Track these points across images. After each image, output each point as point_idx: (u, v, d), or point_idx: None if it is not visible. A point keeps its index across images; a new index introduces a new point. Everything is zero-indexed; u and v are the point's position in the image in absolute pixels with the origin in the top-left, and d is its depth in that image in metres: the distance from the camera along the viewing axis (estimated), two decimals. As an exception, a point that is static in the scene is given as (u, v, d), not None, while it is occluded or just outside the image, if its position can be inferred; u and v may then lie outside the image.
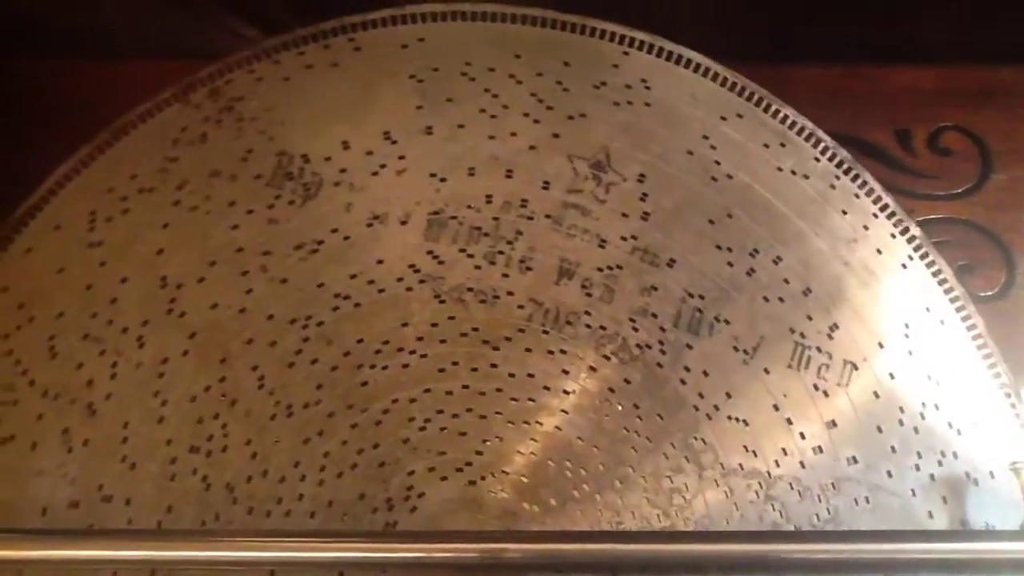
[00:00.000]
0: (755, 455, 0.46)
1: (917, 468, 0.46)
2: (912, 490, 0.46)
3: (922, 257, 0.48)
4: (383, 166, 0.49)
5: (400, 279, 0.48)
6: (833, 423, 0.46)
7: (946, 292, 0.47)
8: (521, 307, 0.48)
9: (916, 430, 0.46)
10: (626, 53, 0.50)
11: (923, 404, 0.46)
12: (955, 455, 0.46)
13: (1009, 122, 0.57)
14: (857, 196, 0.48)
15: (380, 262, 0.48)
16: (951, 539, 0.44)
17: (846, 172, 0.49)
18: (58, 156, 0.50)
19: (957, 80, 0.58)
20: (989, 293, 0.54)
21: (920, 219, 0.51)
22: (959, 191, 0.56)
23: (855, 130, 0.56)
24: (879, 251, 0.48)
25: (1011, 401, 0.46)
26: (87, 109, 0.54)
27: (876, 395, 0.46)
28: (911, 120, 0.57)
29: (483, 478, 0.47)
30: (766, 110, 0.50)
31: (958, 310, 0.47)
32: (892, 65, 0.58)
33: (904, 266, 0.48)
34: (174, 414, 0.47)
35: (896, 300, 0.47)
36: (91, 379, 0.47)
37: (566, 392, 0.47)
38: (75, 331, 0.48)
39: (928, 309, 0.47)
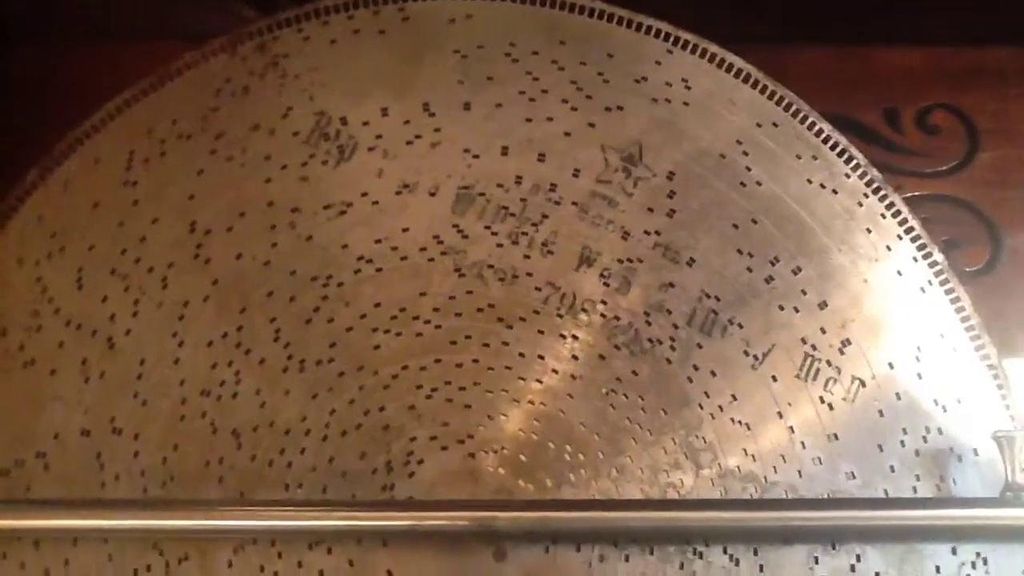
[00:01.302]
0: (754, 459, 0.46)
1: (914, 490, 0.46)
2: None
3: (942, 283, 0.48)
4: (418, 136, 0.50)
5: (423, 249, 0.49)
6: (835, 436, 0.46)
7: (963, 320, 0.47)
8: (539, 289, 0.49)
9: (917, 453, 0.46)
10: (670, 51, 0.51)
11: (927, 428, 0.46)
12: (954, 481, 0.46)
13: (997, 101, 0.58)
14: (883, 216, 0.48)
15: (405, 230, 0.49)
16: (934, 506, 0.45)
17: (875, 191, 0.49)
18: (57, 140, 0.50)
19: (946, 60, 0.59)
20: (975, 268, 0.55)
21: (907, 195, 0.52)
22: (946, 168, 0.57)
23: (845, 109, 0.57)
24: (899, 272, 0.48)
25: (1006, 402, 0.47)
26: (89, 91, 0.54)
27: (881, 414, 0.46)
28: (900, 99, 0.58)
29: (483, 452, 0.47)
30: (802, 122, 0.50)
31: (972, 339, 0.47)
32: (882, 45, 0.59)
33: (923, 290, 0.48)
34: (189, 357, 0.48)
35: (911, 323, 0.47)
36: (114, 314, 0.48)
37: (574, 377, 0.48)
38: (103, 265, 0.49)
39: (942, 335, 0.47)
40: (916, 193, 0.56)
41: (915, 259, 0.48)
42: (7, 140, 0.56)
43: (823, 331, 0.48)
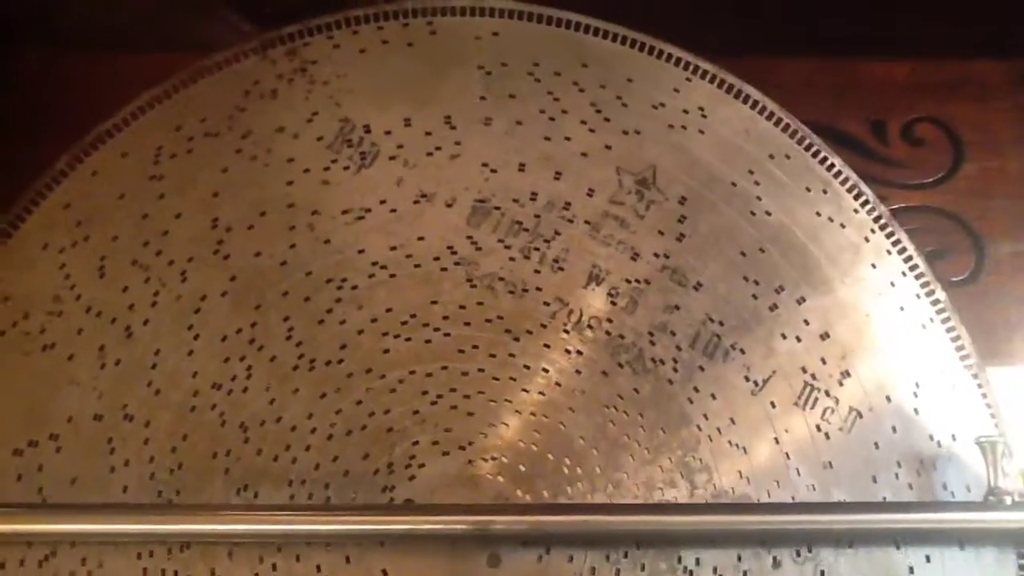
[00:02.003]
0: (748, 482, 0.47)
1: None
2: (897, 543, 0.47)
3: (944, 321, 0.49)
4: (439, 148, 0.51)
5: (437, 258, 0.50)
6: (830, 464, 0.47)
7: (962, 358, 0.48)
8: (547, 304, 0.50)
9: (911, 487, 0.47)
10: (689, 80, 0.52)
11: (920, 463, 0.47)
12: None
13: (981, 113, 0.59)
14: (889, 252, 0.49)
15: (420, 239, 0.50)
16: (919, 509, 0.46)
17: (882, 228, 0.50)
18: (58, 149, 0.51)
19: (931, 72, 0.60)
20: (959, 278, 0.56)
21: (893, 207, 0.53)
22: (931, 180, 0.58)
23: (832, 121, 0.58)
24: (902, 308, 0.49)
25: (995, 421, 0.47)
26: (89, 98, 0.56)
27: (876, 446, 0.47)
28: (886, 111, 0.59)
29: (483, 460, 0.48)
30: (815, 156, 0.51)
31: (972, 377, 0.48)
32: (868, 58, 0.60)
33: (924, 327, 0.48)
34: (203, 349, 0.49)
35: (911, 359, 0.48)
36: (133, 303, 0.50)
37: (576, 392, 0.49)
38: (125, 256, 0.50)
39: (942, 372, 0.48)
40: (902, 204, 0.57)
41: (918, 296, 0.49)
42: (8, 143, 0.57)
43: (823, 361, 0.48)
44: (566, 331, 0.50)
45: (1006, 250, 0.57)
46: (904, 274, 0.49)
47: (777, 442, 0.48)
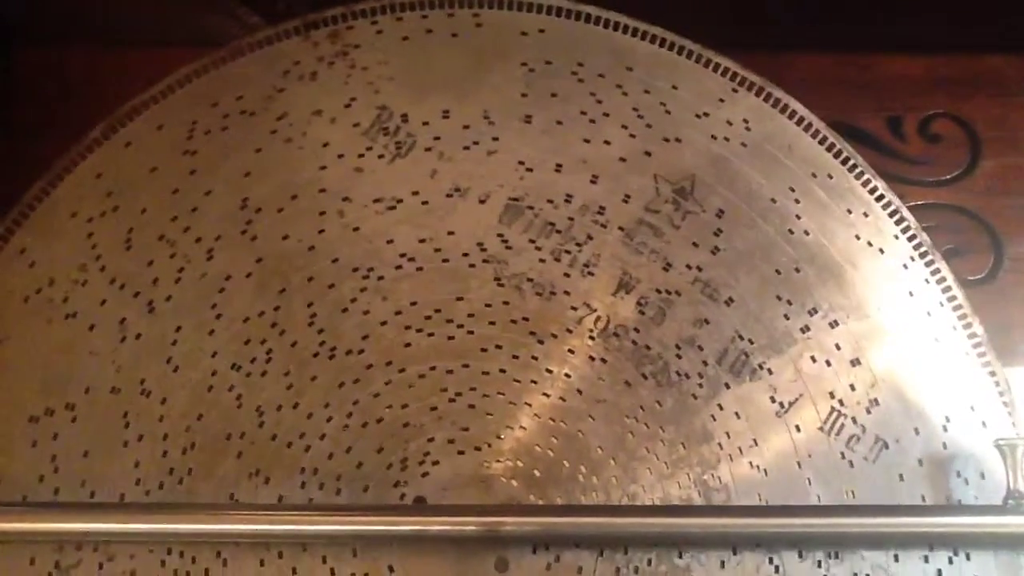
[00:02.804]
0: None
1: (926, 560, 0.46)
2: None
3: (980, 355, 0.47)
4: (476, 143, 0.51)
5: (466, 254, 0.50)
6: (851, 493, 0.46)
7: (1000, 393, 0.47)
8: (574, 308, 0.49)
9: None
10: (735, 91, 0.51)
11: (946, 498, 0.46)
12: (967, 556, 0.46)
13: (998, 109, 0.59)
14: (927, 281, 0.48)
15: (451, 233, 0.50)
16: (935, 513, 0.46)
17: (922, 256, 0.49)
18: (60, 147, 0.51)
19: (948, 68, 0.59)
20: (977, 277, 0.55)
21: (910, 204, 0.52)
22: (949, 177, 0.57)
23: (848, 117, 0.58)
24: (936, 339, 0.48)
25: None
26: (92, 95, 0.56)
27: (901, 478, 0.46)
28: (902, 107, 0.58)
29: (498, 462, 0.48)
30: (858, 177, 0.50)
31: (1007, 415, 0.47)
32: (884, 53, 0.59)
33: (958, 360, 0.47)
34: (225, 330, 0.49)
35: (943, 392, 0.47)
36: (157, 278, 0.49)
37: (597, 400, 0.48)
38: (153, 229, 0.50)
39: (972, 408, 0.47)
40: (919, 202, 0.57)
41: (954, 328, 0.48)
42: (9, 141, 0.57)
43: (852, 388, 0.47)
44: (591, 337, 0.49)
45: None
46: (941, 304, 0.48)
47: (799, 467, 0.47)
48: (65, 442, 0.47)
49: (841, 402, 0.47)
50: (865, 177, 0.50)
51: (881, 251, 0.49)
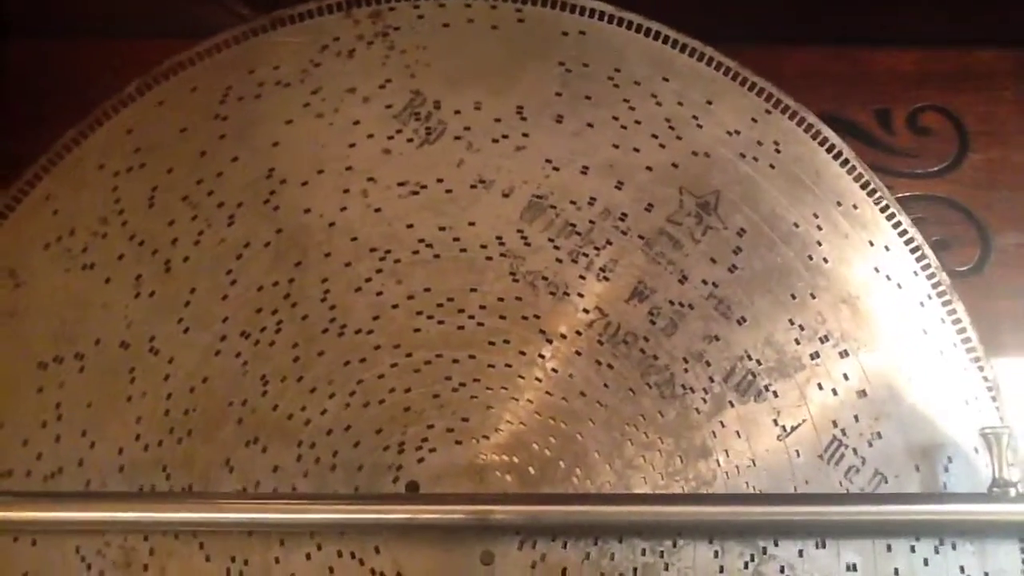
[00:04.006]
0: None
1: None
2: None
3: (993, 399, 0.47)
4: (505, 136, 0.51)
5: (484, 246, 0.50)
6: (854, 566, 0.46)
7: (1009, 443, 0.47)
8: (586, 311, 0.49)
9: (926, 562, 0.46)
10: (768, 112, 0.51)
11: (940, 541, 0.46)
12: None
13: (986, 103, 0.59)
14: (942, 320, 0.48)
15: (471, 224, 0.50)
16: (923, 501, 0.46)
17: (940, 295, 0.48)
18: (54, 139, 0.51)
19: (937, 62, 0.59)
20: (964, 268, 0.56)
21: (898, 196, 0.52)
22: (937, 169, 0.57)
23: (838, 109, 0.58)
24: (947, 382, 0.47)
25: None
26: (85, 87, 0.55)
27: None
28: (892, 100, 0.59)
29: (494, 455, 0.48)
30: (883, 210, 0.50)
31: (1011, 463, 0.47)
32: (874, 47, 0.59)
33: (967, 403, 0.47)
34: (238, 296, 0.49)
35: (947, 432, 0.47)
36: (176, 238, 0.49)
37: (600, 404, 0.48)
38: (177, 190, 0.50)
39: (976, 450, 0.47)
40: (907, 193, 0.57)
41: (966, 369, 0.48)
42: (4, 134, 0.57)
43: (856, 419, 0.47)
44: (600, 342, 0.49)
45: (1011, 240, 0.57)
46: (955, 345, 0.48)
47: (794, 491, 0.47)
48: (71, 391, 0.47)
49: (844, 432, 0.47)
50: (890, 211, 0.50)
51: (899, 286, 0.49)
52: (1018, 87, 0.60)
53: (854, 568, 0.46)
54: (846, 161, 0.50)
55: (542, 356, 0.49)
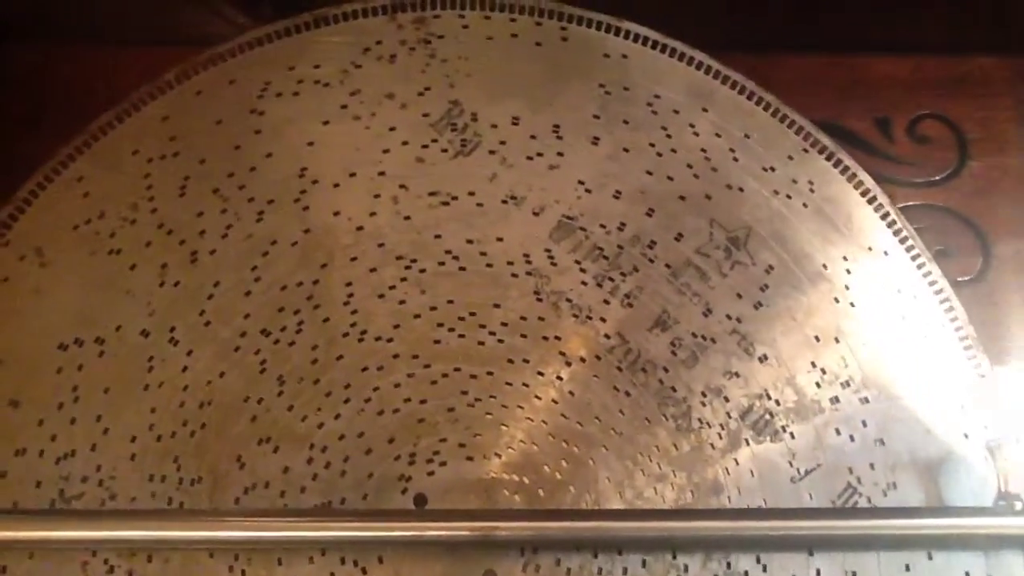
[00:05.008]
0: (764, 569, 0.46)
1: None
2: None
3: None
4: (540, 154, 0.51)
5: (510, 263, 0.49)
6: (853, 573, 0.46)
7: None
8: (607, 336, 0.49)
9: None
10: (805, 151, 0.50)
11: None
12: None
13: (985, 110, 0.59)
14: (973, 377, 0.48)
15: (499, 239, 0.50)
16: (922, 515, 0.45)
17: (966, 348, 0.48)
18: (53, 142, 0.51)
19: (935, 69, 0.59)
20: (966, 278, 0.55)
21: (900, 205, 0.52)
22: (937, 178, 0.57)
23: (837, 118, 0.58)
24: (966, 435, 0.47)
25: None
26: (83, 94, 0.56)
27: (907, 568, 0.46)
28: (891, 108, 0.58)
29: (504, 474, 0.48)
30: (914, 258, 0.49)
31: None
32: (873, 54, 0.59)
33: (985, 459, 0.47)
34: (261, 294, 0.49)
35: (962, 488, 0.46)
36: (205, 230, 0.49)
37: (614, 431, 0.48)
38: (209, 181, 0.50)
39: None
40: (908, 203, 0.57)
41: (985, 427, 0.48)
42: (5, 139, 0.57)
43: (872, 467, 0.47)
44: (619, 368, 0.49)
45: (1012, 249, 0.56)
46: (978, 402, 0.47)
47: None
48: (89, 374, 0.47)
49: (859, 479, 0.46)
50: (921, 260, 0.49)
51: (925, 336, 0.48)
52: (1016, 94, 0.59)
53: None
54: (880, 206, 0.50)
55: (560, 378, 0.49)
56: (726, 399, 0.48)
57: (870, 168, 0.52)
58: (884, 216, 0.50)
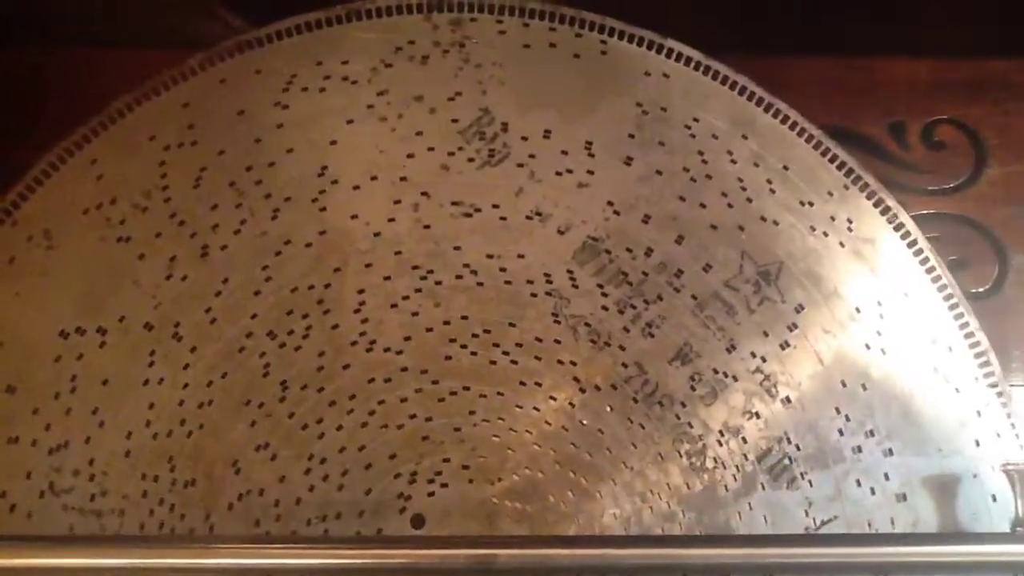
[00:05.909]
0: None
1: None
2: None
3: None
4: (570, 171, 0.49)
5: (530, 281, 0.48)
6: (866, 634, 0.44)
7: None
8: (625, 366, 0.47)
9: None
10: (846, 188, 0.48)
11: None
12: None
13: (1003, 116, 0.56)
14: (999, 435, 0.45)
15: (520, 256, 0.48)
16: (939, 542, 0.44)
17: (1003, 406, 0.46)
18: (49, 147, 0.49)
19: (951, 73, 0.57)
20: (981, 289, 0.53)
21: (913, 214, 0.50)
22: (952, 185, 0.55)
23: (850, 122, 0.55)
24: (994, 498, 0.45)
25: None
26: (78, 96, 0.54)
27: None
28: (906, 113, 0.56)
29: (507, 502, 0.46)
30: (952, 308, 0.47)
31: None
32: (887, 57, 0.57)
33: (1015, 532, 0.44)
34: (271, 294, 0.47)
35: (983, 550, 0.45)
36: (218, 224, 0.48)
37: (625, 465, 0.46)
38: (226, 174, 0.48)
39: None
40: (922, 211, 0.55)
41: (1014, 486, 0.45)
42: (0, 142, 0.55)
43: (892, 523, 0.45)
44: (635, 399, 0.47)
45: None
46: (1008, 462, 0.45)
47: (814, 589, 0.45)
48: (88, 365, 0.46)
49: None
50: (959, 310, 0.47)
51: (957, 390, 0.46)
52: (1035, 98, 0.57)
53: None
54: (920, 251, 0.48)
55: (572, 405, 0.47)
56: (744, 440, 0.46)
57: (883, 176, 0.50)
58: (924, 261, 0.48)
